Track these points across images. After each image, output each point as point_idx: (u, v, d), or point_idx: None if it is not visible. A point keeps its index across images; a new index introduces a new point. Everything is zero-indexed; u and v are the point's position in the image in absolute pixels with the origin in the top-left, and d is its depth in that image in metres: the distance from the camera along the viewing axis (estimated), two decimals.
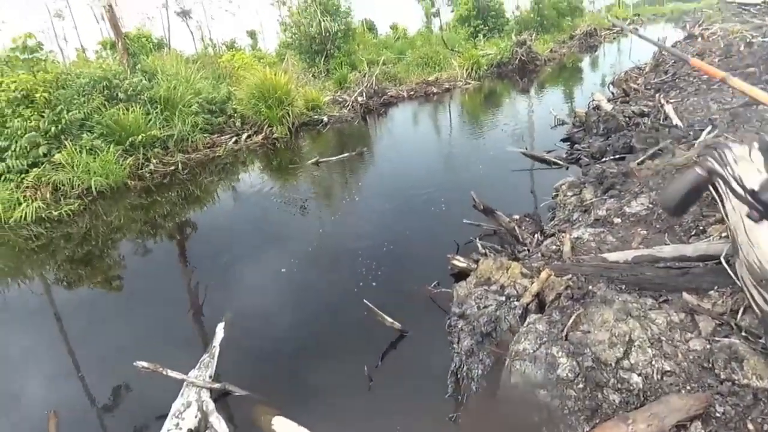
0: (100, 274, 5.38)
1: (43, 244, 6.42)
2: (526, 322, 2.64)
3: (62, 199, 7.67)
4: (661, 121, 6.28)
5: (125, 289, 4.98)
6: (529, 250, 3.96)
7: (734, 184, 2.77)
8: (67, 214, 7.18)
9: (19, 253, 6.28)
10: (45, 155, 8.01)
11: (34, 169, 7.83)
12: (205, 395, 2.94)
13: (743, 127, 4.84)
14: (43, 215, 7.21)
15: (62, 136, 8.35)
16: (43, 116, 8.22)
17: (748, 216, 2.01)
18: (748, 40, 10.20)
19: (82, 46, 32.90)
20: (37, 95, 8.26)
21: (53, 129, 8.20)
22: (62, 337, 4.18)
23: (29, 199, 7.41)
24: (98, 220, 7.03)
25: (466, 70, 18.11)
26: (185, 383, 3.02)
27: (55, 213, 7.21)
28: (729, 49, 9.80)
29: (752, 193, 1.83)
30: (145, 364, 3.09)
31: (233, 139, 10.98)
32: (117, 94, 9.75)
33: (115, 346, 3.82)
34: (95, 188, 7.86)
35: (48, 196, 7.63)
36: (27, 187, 7.63)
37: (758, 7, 21.03)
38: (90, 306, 4.75)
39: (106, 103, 9.48)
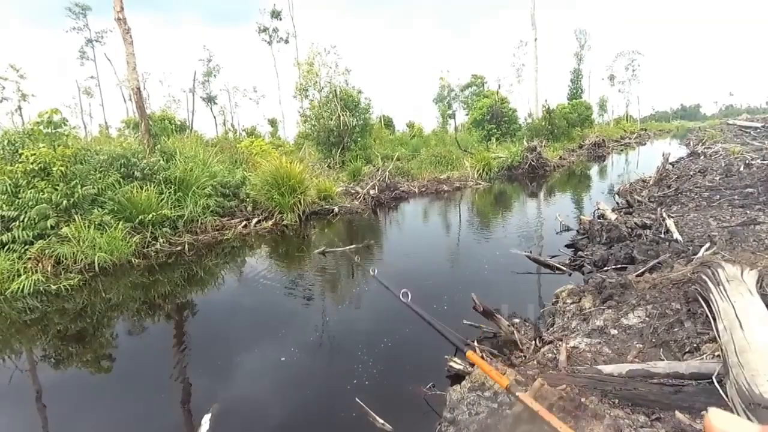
0: (89, 353, 5.23)
1: (36, 318, 6.32)
2: None
3: (63, 272, 7.66)
4: (662, 235, 6.41)
5: (112, 371, 4.83)
6: (525, 357, 3.92)
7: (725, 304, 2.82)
8: (66, 289, 7.11)
9: (10, 326, 6.15)
10: (53, 228, 8.12)
11: (40, 241, 7.87)
12: None
13: (741, 246, 4.94)
14: (41, 288, 7.13)
15: (73, 210, 8.52)
16: (56, 189, 8.42)
17: None
18: (747, 162, 10.61)
19: (106, 122, 35.06)
20: (54, 169, 8.48)
21: (65, 202, 8.37)
22: (36, 418, 4.02)
23: (29, 271, 7.38)
24: (96, 297, 6.96)
25: (478, 171, 18.72)
26: None
27: (54, 287, 7.12)
28: (729, 169, 10.17)
29: None
30: None
31: (243, 224, 11.22)
32: (134, 172, 10.10)
33: None
34: (98, 264, 7.88)
35: (49, 269, 7.60)
36: (29, 259, 7.63)
37: (758, 130, 22.00)
38: (72, 387, 4.60)
39: (121, 180, 9.79)
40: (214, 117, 38.09)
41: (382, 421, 3.29)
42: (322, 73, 21.33)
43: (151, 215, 9.30)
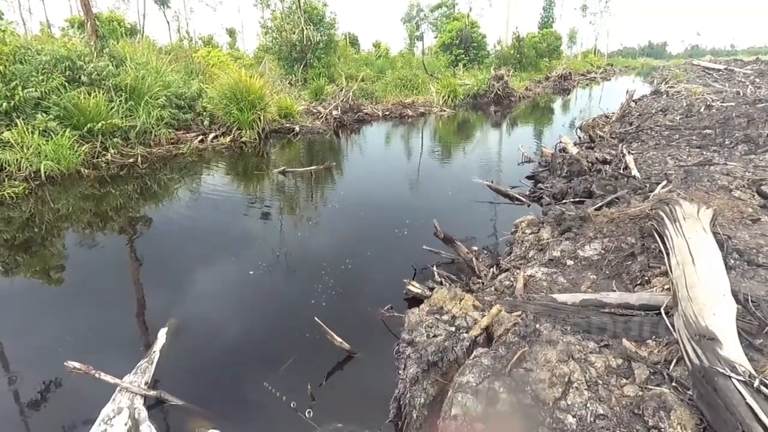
0: (40, 263, 5.05)
1: None
2: (472, 355, 2.67)
3: (6, 180, 7.23)
4: (621, 171, 6.55)
5: (65, 283, 4.69)
6: (483, 283, 4.02)
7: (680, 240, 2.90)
8: (11, 197, 6.75)
9: None
10: None
11: None
12: (139, 402, 2.82)
13: (695, 186, 5.10)
14: None
15: (14, 114, 7.98)
16: None
17: None
18: (708, 103, 10.82)
19: (47, 20, 31.89)
20: None
21: (5, 105, 7.83)
22: None
23: None
24: (45, 207, 6.66)
25: (443, 97, 18.41)
26: (118, 388, 2.89)
27: None
28: (690, 109, 10.37)
29: None
30: (76, 364, 2.93)
31: (199, 138, 10.82)
32: (80, 77, 9.40)
33: (47, 342, 3.61)
34: (44, 172, 7.49)
35: None
36: None
37: (721, 72, 22.40)
38: (25, 297, 4.47)
39: (66, 84, 9.11)
40: (168, 22, 35.29)
41: (340, 339, 3.35)
42: None
43: (100, 124, 8.77)
